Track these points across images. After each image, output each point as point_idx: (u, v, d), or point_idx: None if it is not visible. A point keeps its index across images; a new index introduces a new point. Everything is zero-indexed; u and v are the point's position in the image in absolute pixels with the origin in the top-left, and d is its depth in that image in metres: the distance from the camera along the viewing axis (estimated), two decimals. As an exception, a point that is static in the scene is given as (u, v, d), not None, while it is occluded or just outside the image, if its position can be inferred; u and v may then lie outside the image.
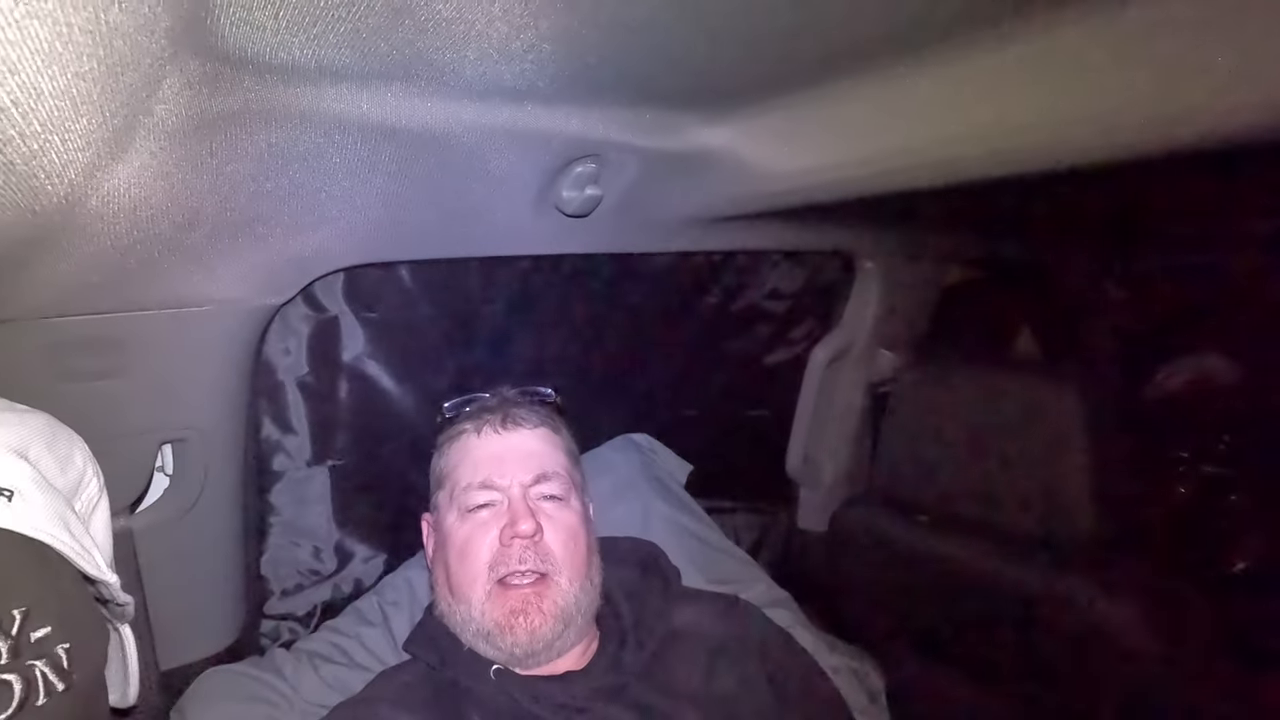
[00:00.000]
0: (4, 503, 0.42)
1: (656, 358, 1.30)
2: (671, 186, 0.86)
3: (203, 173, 0.58)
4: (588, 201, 0.82)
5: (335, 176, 0.67)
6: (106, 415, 0.72)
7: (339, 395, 1.02)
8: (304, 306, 0.96)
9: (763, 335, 1.39)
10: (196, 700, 0.85)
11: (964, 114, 0.59)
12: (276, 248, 0.73)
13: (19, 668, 0.40)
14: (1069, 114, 0.55)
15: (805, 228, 1.12)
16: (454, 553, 0.83)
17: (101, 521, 0.55)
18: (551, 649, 0.80)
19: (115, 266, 0.62)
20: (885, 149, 0.69)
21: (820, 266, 1.39)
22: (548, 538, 0.82)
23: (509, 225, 0.86)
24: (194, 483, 0.82)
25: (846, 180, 0.77)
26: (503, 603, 0.79)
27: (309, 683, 0.91)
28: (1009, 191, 0.82)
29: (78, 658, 0.43)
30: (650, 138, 0.76)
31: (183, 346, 0.75)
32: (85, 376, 0.70)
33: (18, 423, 0.48)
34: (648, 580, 0.94)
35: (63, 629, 0.42)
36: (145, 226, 0.58)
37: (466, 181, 0.75)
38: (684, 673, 0.83)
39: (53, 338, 0.67)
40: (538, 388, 0.98)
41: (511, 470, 0.85)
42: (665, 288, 1.24)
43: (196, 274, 0.70)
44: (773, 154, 0.79)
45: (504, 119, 0.66)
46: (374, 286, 0.99)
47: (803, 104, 0.71)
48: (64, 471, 0.50)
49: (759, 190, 0.86)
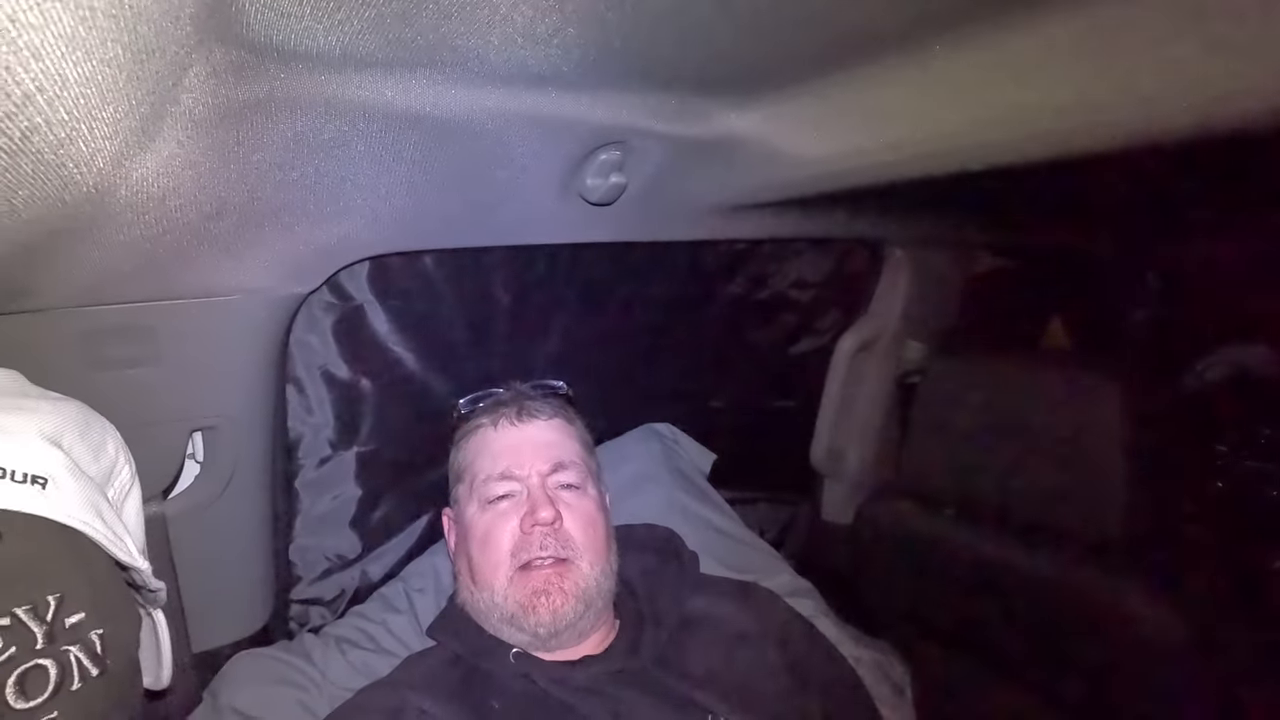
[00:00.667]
0: (38, 490, 0.42)
1: (680, 347, 1.29)
2: (697, 174, 0.84)
3: (229, 162, 0.58)
4: (612, 189, 0.81)
5: (360, 165, 0.67)
6: (139, 403, 0.73)
7: (365, 383, 1.03)
8: (330, 295, 0.96)
9: (788, 325, 1.37)
10: (228, 682, 0.87)
11: (1001, 96, 0.57)
12: (303, 237, 0.74)
13: (54, 653, 0.40)
14: (1109, 95, 0.52)
15: (832, 215, 1.10)
16: (476, 543, 0.84)
17: (133, 509, 0.55)
18: (574, 629, 0.81)
19: (146, 255, 0.62)
20: (918, 133, 0.67)
21: (847, 255, 1.37)
22: (567, 524, 0.84)
23: (532, 214, 0.85)
24: (224, 470, 0.83)
25: (877, 166, 0.75)
26: (525, 585, 0.80)
27: (336, 667, 0.93)
28: (1044, 177, 0.79)
29: (111, 643, 0.44)
30: (676, 124, 0.75)
31: (212, 335, 0.75)
32: (118, 364, 0.71)
33: (51, 411, 0.48)
34: (665, 565, 0.95)
35: (96, 615, 0.43)
36: (174, 216, 0.58)
37: (490, 170, 0.74)
38: (703, 658, 0.84)
39: (86, 326, 0.68)
40: (550, 381, 1.01)
41: (529, 460, 0.87)
42: (689, 276, 1.23)
43: (225, 263, 0.70)
44: (801, 140, 0.77)
45: (528, 106, 0.65)
46: (398, 275, 0.99)
47: (833, 88, 0.69)
48: (97, 459, 0.50)
49: (786, 177, 0.84)
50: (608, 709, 0.75)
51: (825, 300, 1.38)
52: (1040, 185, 1.02)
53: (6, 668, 0.38)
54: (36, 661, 0.39)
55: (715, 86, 0.70)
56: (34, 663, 0.39)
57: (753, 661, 0.84)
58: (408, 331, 1.03)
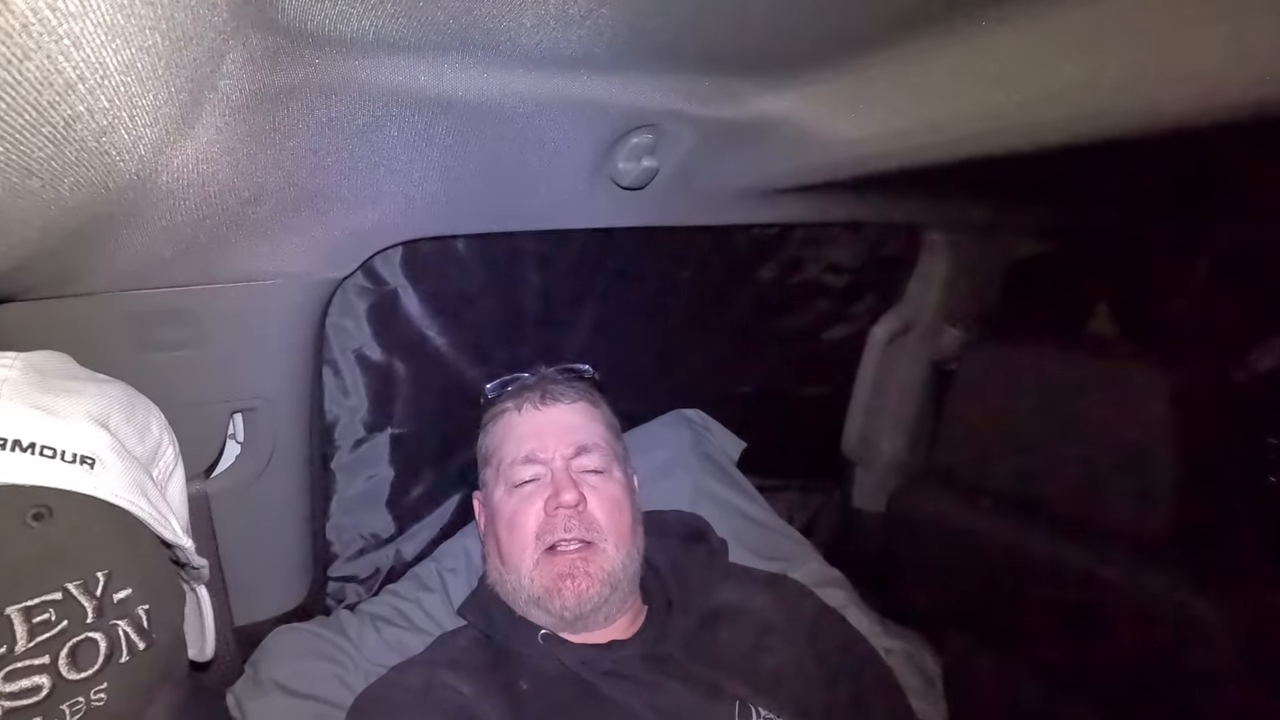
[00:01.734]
0: (86, 470, 0.43)
1: (712, 332, 1.28)
2: (730, 157, 0.83)
3: (266, 148, 0.58)
4: (644, 173, 0.80)
5: (394, 150, 0.67)
6: (182, 384, 0.75)
7: (398, 366, 1.04)
8: (364, 280, 0.97)
9: (821, 310, 1.35)
10: (268, 655, 0.90)
11: (1051, 73, 0.54)
12: (338, 222, 0.74)
13: (104, 627, 0.42)
14: (1165, 71, 0.49)
15: (869, 199, 1.08)
16: (503, 525, 0.85)
17: (177, 488, 0.57)
18: (599, 613, 0.82)
19: (187, 240, 0.63)
20: (962, 113, 0.65)
21: (883, 239, 1.33)
22: (591, 507, 0.84)
23: (564, 198, 0.85)
24: (264, 450, 0.85)
25: (917, 148, 0.73)
26: (550, 568, 0.81)
27: (371, 643, 0.95)
28: (1092, 157, 0.76)
29: (157, 618, 0.45)
30: (709, 106, 0.74)
31: (251, 318, 0.77)
32: (163, 347, 0.73)
33: (98, 393, 0.50)
34: (694, 552, 0.95)
35: (143, 591, 0.44)
36: (214, 201, 0.59)
37: (522, 154, 0.74)
38: (731, 647, 0.84)
39: (132, 309, 0.70)
40: (575, 365, 1.01)
41: (553, 444, 0.87)
42: (721, 261, 1.21)
43: (263, 248, 0.71)
44: (838, 121, 0.75)
45: (560, 89, 0.65)
46: (431, 260, 1.00)
47: (872, 67, 0.67)
48: (142, 440, 0.52)
49: (822, 160, 0.82)
50: (635, 693, 0.76)
51: (859, 285, 1.36)
52: (1088, 166, 0.98)
53: (59, 640, 0.40)
54: (87, 635, 0.41)
55: (750, 67, 0.69)
56: (85, 636, 0.41)
57: (782, 653, 0.84)
58: (440, 316, 1.04)
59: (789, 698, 0.79)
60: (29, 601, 0.39)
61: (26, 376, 0.45)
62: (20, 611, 0.39)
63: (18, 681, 0.38)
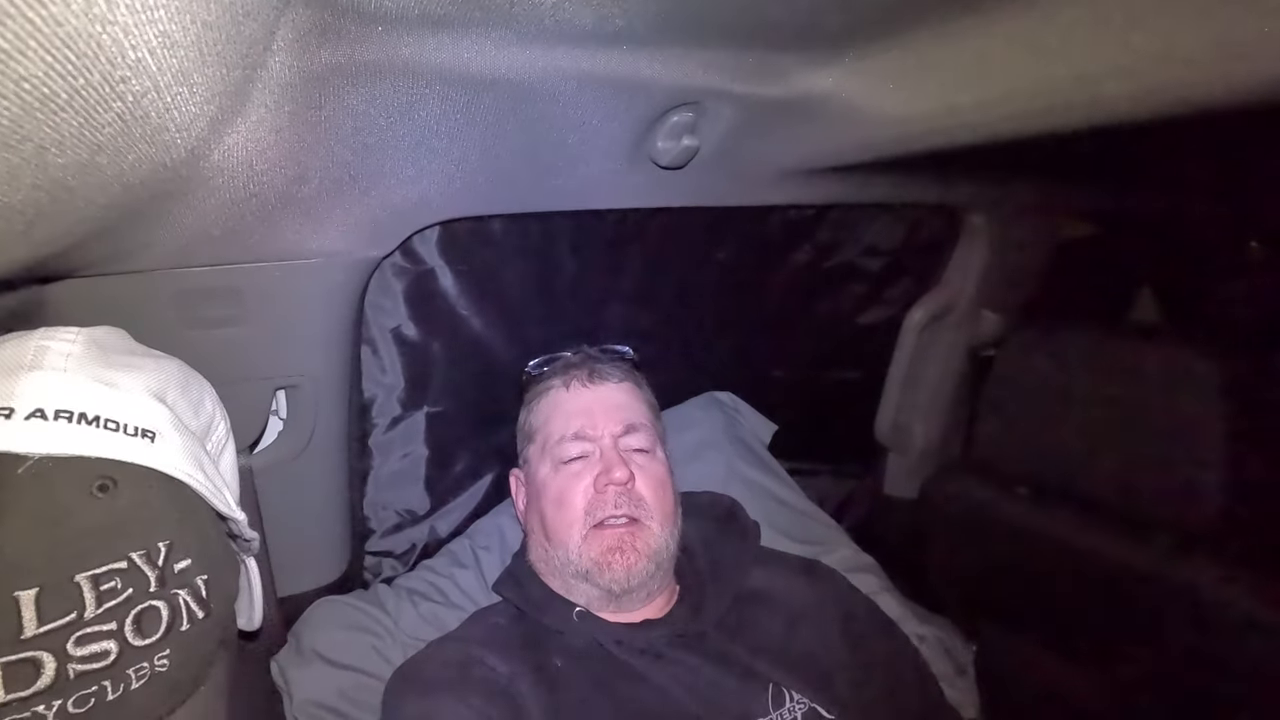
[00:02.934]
0: (147, 443, 0.44)
1: (745, 315, 1.27)
2: (772, 136, 0.81)
3: (312, 126, 0.59)
4: (683, 153, 0.79)
5: (435, 130, 0.67)
6: (228, 361, 0.77)
7: (434, 345, 1.05)
8: (402, 259, 0.98)
9: (856, 294, 1.33)
10: (310, 626, 0.92)
11: (1119, 44, 0.52)
12: (379, 201, 0.75)
13: (166, 595, 0.43)
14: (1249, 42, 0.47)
15: (911, 180, 1.05)
16: (550, 502, 0.86)
17: (229, 462, 0.58)
18: (644, 589, 0.83)
19: (234, 219, 0.64)
20: (1016, 89, 0.62)
21: (921, 221, 1.31)
22: (639, 485, 0.85)
23: (603, 178, 0.84)
24: (305, 426, 0.86)
25: (966, 126, 0.71)
26: (599, 543, 0.82)
27: (408, 617, 0.97)
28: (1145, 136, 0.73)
29: (214, 589, 0.46)
30: (751, 83, 0.72)
31: (294, 297, 0.78)
32: (209, 324, 0.74)
33: (155, 368, 0.51)
34: (726, 533, 0.95)
35: (201, 562, 0.46)
36: (261, 180, 0.59)
37: (562, 133, 0.73)
38: (763, 629, 0.84)
39: (180, 286, 0.71)
40: (616, 346, 1.01)
41: (602, 422, 0.87)
42: (756, 243, 1.20)
43: (306, 227, 0.72)
44: (884, 98, 0.73)
45: (602, 66, 0.64)
46: (467, 240, 1.00)
47: (922, 42, 0.64)
48: (196, 415, 0.53)
49: (866, 138, 0.80)
50: (669, 671, 0.76)
51: (896, 268, 1.33)
52: (1140, 145, 0.95)
53: (125, 607, 0.41)
54: (151, 603, 0.42)
55: (796, 42, 0.67)
56: (149, 604, 0.42)
57: (813, 637, 0.84)
58: (475, 295, 1.05)
59: (821, 682, 0.79)
60: (97, 570, 0.40)
61: (88, 351, 0.46)
62: (89, 579, 0.40)
63: (88, 646, 0.39)
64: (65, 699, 0.39)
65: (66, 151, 0.32)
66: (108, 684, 0.40)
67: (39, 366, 0.43)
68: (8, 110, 0.27)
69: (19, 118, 0.28)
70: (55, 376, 0.43)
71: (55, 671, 0.38)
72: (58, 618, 0.39)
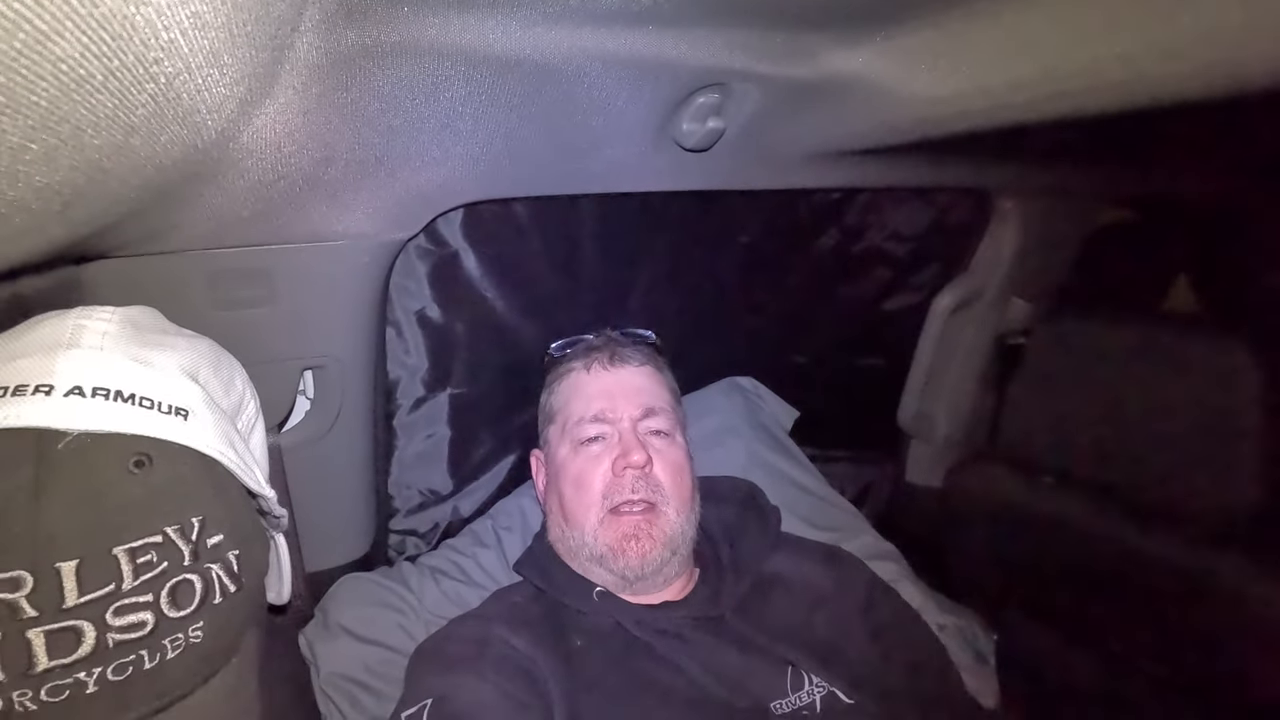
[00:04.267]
0: (181, 421, 0.45)
1: (768, 299, 1.26)
2: (799, 118, 0.80)
3: (339, 108, 0.59)
4: (709, 135, 0.78)
5: (460, 112, 0.67)
6: (257, 341, 0.78)
7: (458, 327, 1.05)
8: (426, 241, 0.98)
9: (881, 279, 1.31)
10: (336, 601, 0.94)
11: (1167, 21, 0.50)
12: (404, 183, 0.75)
13: (199, 569, 0.44)
14: None
15: (941, 163, 1.03)
16: (568, 483, 0.86)
17: (258, 441, 0.59)
18: (659, 575, 0.83)
19: (263, 200, 0.65)
20: (1055, 69, 0.60)
21: (950, 206, 1.28)
22: (657, 469, 0.85)
23: (627, 160, 0.83)
24: (332, 406, 0.88)
25: (1001, 107, 0.69)
26: (615, 528, 0.82)
27: (431, 594, 0.99)
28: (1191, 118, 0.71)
29: (246, 563, 0.48)
30: (780, 64, 0.71)
31: (321, 278, 0.79)
32: (238, 305, 0.76)
33: (188, 347, 0.52)
34: (746, 518, 0.95)
35: (233, 537, 0.47)
36: (289, 162, 0.60)
37: (586, 115, 0.73)
38: (783, 614, 0.84)
39: (210, 267, 0.72)
40: (638, 329, 1.01)
41: (621, 405, 0.88)
42: (781, 227, 1.18)
43: (333, 209, 0.73)
44: (916, 79, 0.72)
45: (627, 46, 0.63)
46: (490, 222, 1.00)
47: (957, 20, 0.63)
48: (227, 393, 0.54)
49: (896, 120, 0.79)
50: (688, 653, 0.77)
51: (923, 254, 1.31)
52: (1182, 127, 0.92)
53: (161, 579, 0.42)
54: (185, 576, 0.43)
55: (824, 21, 0.66)
56: (183, 577, 0.43)
57: (833, 623, 0.84)
58: (499, 278, 1.05)
59: (840, 667, 0.79)
60: (133, 543, 0.41)
61: (124, 330, 0.47)
62: (126, 552, 0.41)
63: (126, 616, 0.40)
64: (105, 667, 0.40)
65: (102, 133, 0.33)
66: (145, 653, 0.41)
67: (76, 345, 0.45)
68: (46, 91, 0.27)
69: (56, 99, 0.28)
70: (92, 355, 0.44)
71: (95, 640, 0.40)
72: (97, 588, 0.40)
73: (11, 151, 0.28)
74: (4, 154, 0.28)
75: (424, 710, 0.68)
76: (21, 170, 0.30)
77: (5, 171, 0.29)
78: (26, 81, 0.26)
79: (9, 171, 0.29)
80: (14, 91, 0.26)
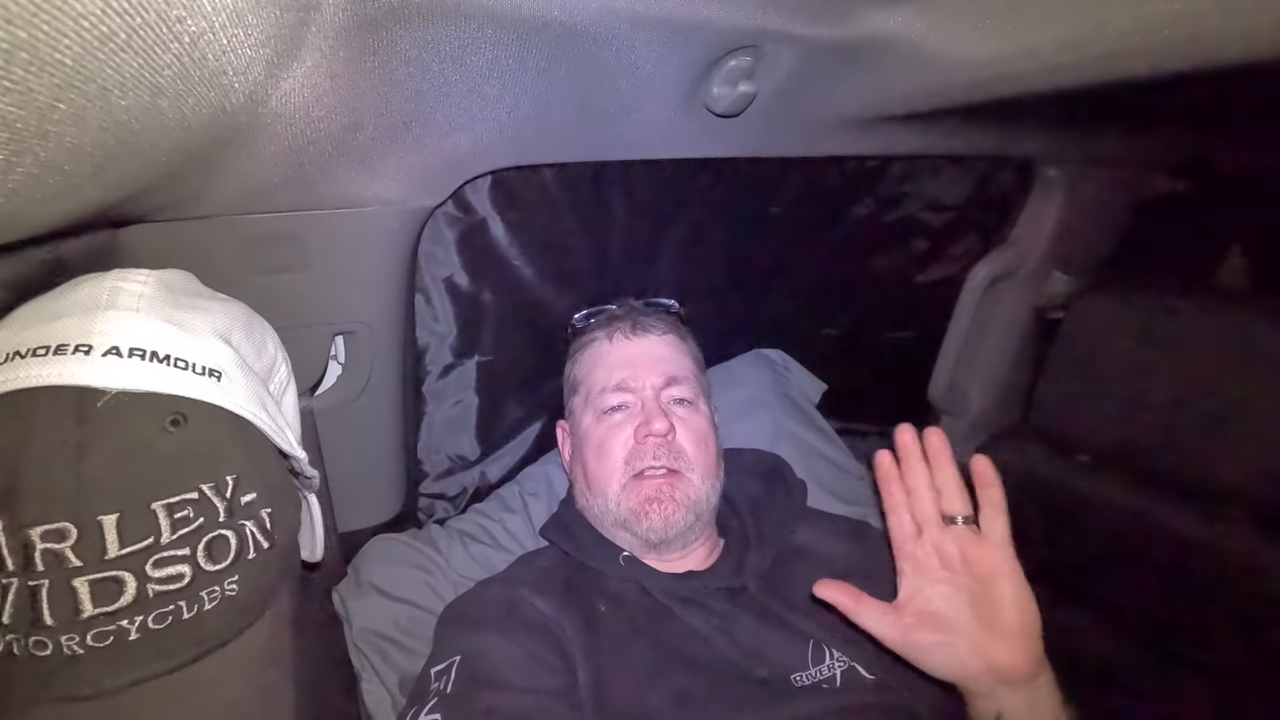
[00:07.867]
0: (214, 382, 0.46)
1: (799, 270, 1.23)
2: (834, 81, 0.77)
3: (367, 73, 0.58)
4: (740, 99, 0.76)
5: (487, 76, 0.66)
6: (289, 306, 0.79)
7: (485, 295, 1.06)
8: (454, 209, 0.98)
9: (917, 250, 1.28)
10: (368, 560, 0.97)
11: None
12: (432, 149, 0.75)
13: (234, 525, 0.45)
14: None
15: (983, 129, 0.99)
16: (591, 451, 0.87)
17: (290, 403, 0.61)
18: (682, 539, 0.84)
19: (293, 166, 0.65)
20: (1107, 28, 0.57)
21: (990, 175, 1.23)
22: (679, 437, 0.85)
23: (656, 126, 0.82)
24: (362, 371, 0.89)
25: (1047, 69, 0.65)
26: (638, 492, 0.83)
27: (459, 557, 1.01)
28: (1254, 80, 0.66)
29: (278, 521, 0.49)
30: (815, 25, 0.68)
31: (351, 244, 0.79)
32: (270, 270, 0.77)
33: (221, 310, 0.53)
34: (772, 491, 0.95)
35: (265, 495, 0.48)
36: (318, 127, 0.60)
37: (614, 79, 0.71)
38: (805, 587, 0.83)
39: (243, 232, 0.73)
40: (662, 300, 1.01)
41: (643, 374, 0.88)
42: (814, 195, 1.15)
43: (362, 175, 0.73)
44: (957, 40, 0.68)
45: (656, 7, 0.61)
46: (519, 190, 0.99)
47: None
48: (260, 356, 0.55)
49: (935, 84, 0.75)
50: (711, 621, 0.78)
51: (961, 225, 1.27)
52: (1243, 90, 0.86)
53: (197, 534, 0.44)
54: (220, 532, 0.45)
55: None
56: (218, 533, 0.45)
57: None
58: (526, 246, 1.05)
59: (862, 644, 0.79)
60: (171, 499, 0.43)
61: (159, 293, 0.49)
62: (164, 507, 0.42)
63: (165, 569, 0.42)
64: (146, 615, 0.42)
65: (129, 93, 0.33)
66: (183, 604, 0.43)
67: (114, 306, 0.46)
68: (70, 49, 0.27)
69: (81, 57, 0.28)
70: (129, 316, 0.46)
71: (136, 590, 0.41)
72: (137, 541, 0.41)
73: (40, 110, 0.29)
74: (33, 113, 0.29)
75: (453, 667, 0.70)
76: (51, 129, 0.31)
77: (35, 130, 0.30)
78: (49, 37, 0.26)
79: (39, 130, 0.30)
80: (37, 48, 0.26)
